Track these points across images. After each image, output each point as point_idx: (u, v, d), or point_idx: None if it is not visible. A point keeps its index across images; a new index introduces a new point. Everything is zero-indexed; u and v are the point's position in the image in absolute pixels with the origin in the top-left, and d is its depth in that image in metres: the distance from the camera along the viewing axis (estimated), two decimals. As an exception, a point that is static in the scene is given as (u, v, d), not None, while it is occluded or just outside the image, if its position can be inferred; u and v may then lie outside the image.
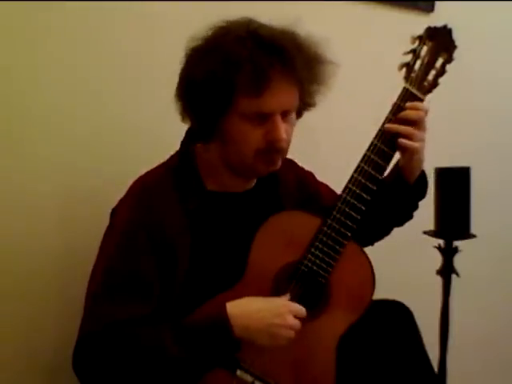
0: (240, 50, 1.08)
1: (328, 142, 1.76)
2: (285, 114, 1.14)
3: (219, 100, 1.11)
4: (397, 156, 1.23)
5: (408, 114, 1.17)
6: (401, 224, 1.37)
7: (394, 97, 1.19)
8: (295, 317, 1.11)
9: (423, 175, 1.27)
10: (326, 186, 1.41)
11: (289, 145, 1.19)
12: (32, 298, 1.39)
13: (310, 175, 1.41)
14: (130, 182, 1.21)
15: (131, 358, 1.07)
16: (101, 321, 1.07)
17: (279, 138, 1.13)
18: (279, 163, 1.19)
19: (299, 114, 1.23)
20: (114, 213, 1.20)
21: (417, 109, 1.18)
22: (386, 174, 1.26)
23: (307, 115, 1.27)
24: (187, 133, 1.25)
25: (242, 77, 1.08)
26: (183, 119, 1.20)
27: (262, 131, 1.13)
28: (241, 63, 1.07)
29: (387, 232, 1.40)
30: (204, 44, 1.14)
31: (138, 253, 1.12)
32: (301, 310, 1.12)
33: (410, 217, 1.35)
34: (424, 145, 1.20)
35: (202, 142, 1.21)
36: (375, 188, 1.17)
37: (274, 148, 1.14)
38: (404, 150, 1.19)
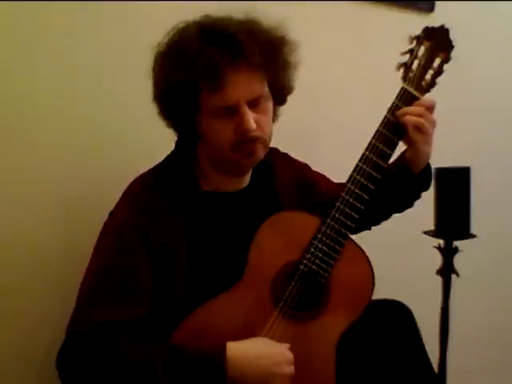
0: (190, 49, 1.09)
1: (327, 142, 1.76)
2: (253, 104, 1.14)
3: (184, 102, 1.13)
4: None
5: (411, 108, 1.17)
6: (401, 211, 1.38)
7: (394, 96, 1.19)
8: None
9: (428, 167, 1.26)
10: (323, 176, 1.41)
11: (267, 133, 1.18)
12: (31, 298, 1.39)
13: (306, 167, 1.41)
14: (130, 182, 1.21)
15: (116, 370, 1.04)
16: (90, 322, 1.06)
17: (248, 128, 1.12)
18: (260, 153, 1.18)
19: (278, 101, 1.23)
20: (111, 214, 1.20)
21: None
22: (390, 165, 1.25)
23: (307, 114, 1.27)
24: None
25: (198, 75, 1.09)
26: (164, 123, 1.22)
27: (233, 125, 1.13)
28: (192, 62, 1.09)
29: (386, 217, 1.41)
30: (163, 49, 1.15)
31: (133, 254, 1.11)
32: (292, 359, 1.11)
33: (411, 205, 1.35)
34: (431, 139, 1.20)
35: (187, 145, 1.22)
36: (374, 188, 1.17)
37: (247, 139, 1.14)
38: (411, 141, 1.19)
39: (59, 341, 1.08)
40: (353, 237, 1.20)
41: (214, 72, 1.08)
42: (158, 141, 1.30)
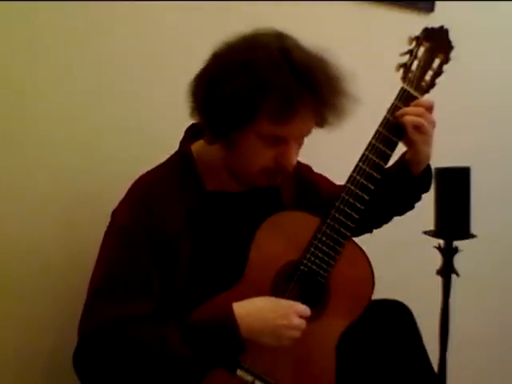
0: (274, 76, 1.06)
1: (327, 142, 1.76)
2: (299, 138, 1.16)
3: (240, 117, 1.10)
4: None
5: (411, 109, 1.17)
6: (402, 213, 1.37)
7: (393, 97, 1.19)
8: (300, 316, 1.11)
9: (428, 168, 1.26)
10: (324, 177, 1.41)
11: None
12: (32, 298, 1.39)
13: (308, 168, 1.41)
14: (131, 182, 1.21)
15: (134, 357, 1.07)
16: (101, 319, 1.08)
17: (290, 163, 1.14)
18: (280, 180, 1.20)
19: None
20: (115, 213, 1.20)
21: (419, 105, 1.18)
22: (390, 167, 1.25)
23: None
24: (186, 132, 1.25)
25: (270, 102, 1.07)
26: (192, 116, 1.18)
27: (274, 152, 1.13)
28: (272, 90, 1.06)
29: (387, 220, 1.40)
30: (236, 58, 1.10)
31: (138, 253, 1.12)
32: (305, 309, 1.12)
33: (412, 207, 1.35)
34: (431, 139, 1.20)
35: (206, 141, 1.21)
36: (374, 188, 1.17)
37: (282, 170, 1.15)
38: (410, 141, 1.19)
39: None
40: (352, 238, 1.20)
41: (290, 108, 1.07)
42: (161, 140, 1.30)
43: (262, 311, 1.10)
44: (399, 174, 1.25)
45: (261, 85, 1.06)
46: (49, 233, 1.41)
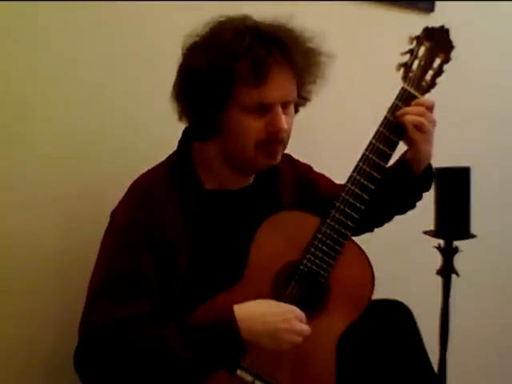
0: (239, 41, 1.09)
1: (327, 142, 1.76)
2: (285, 106, 1.15)
3: (219, 92, 1.11)
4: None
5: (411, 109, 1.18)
6: (403, 212, 1.37)
7: (394, 97, 1.19)
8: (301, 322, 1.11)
9: (429, 167, 1.26)
10: (324, 177, 1.41)
11: (289, 137, 1.19)
12: (32, 297, 1.39)
13: (308, 167, 1.41)
14: (131, 182, 1.21)
15: (134, 357, 1.07)
16: (101, 320, 1.08)
17: (281, 128, 1.13)
18: (279, 156, 1.19)
19: (296, 109, 1.24)
20: (114, 213, 1.20)
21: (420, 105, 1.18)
22: (391, 166, 1.25)
23: (307, 114, 1.28)
24: (184, 132, 1.25)
25: (242, 67, 1.09)
26: (180, 118, 1.20)
27: (263, 122, 1.13)
28: (240, 54, 1.09)
29: (389, 219, 1.40)
30: (202, 39, 1.15)
31: (138, 252, 1.12)
32: (303, 316, 1.12)
33: (413, 206, 1.35)
34: (432, 139, 1.20)
35: (200, 140, 1.21)
36: (374, 188, 1.17)
37: (275, 139, 1.15)
38: (411, 140, 1.19)
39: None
40: (353, 237, 1.20)
41: (261, 67, 1.09)
42: (159, 141, 1.30)
43: (263, 314, 1.10)
44: (400, 173, 1.25)
45: (228, 53, 1.08)
46: (49, 231, 1.41)
